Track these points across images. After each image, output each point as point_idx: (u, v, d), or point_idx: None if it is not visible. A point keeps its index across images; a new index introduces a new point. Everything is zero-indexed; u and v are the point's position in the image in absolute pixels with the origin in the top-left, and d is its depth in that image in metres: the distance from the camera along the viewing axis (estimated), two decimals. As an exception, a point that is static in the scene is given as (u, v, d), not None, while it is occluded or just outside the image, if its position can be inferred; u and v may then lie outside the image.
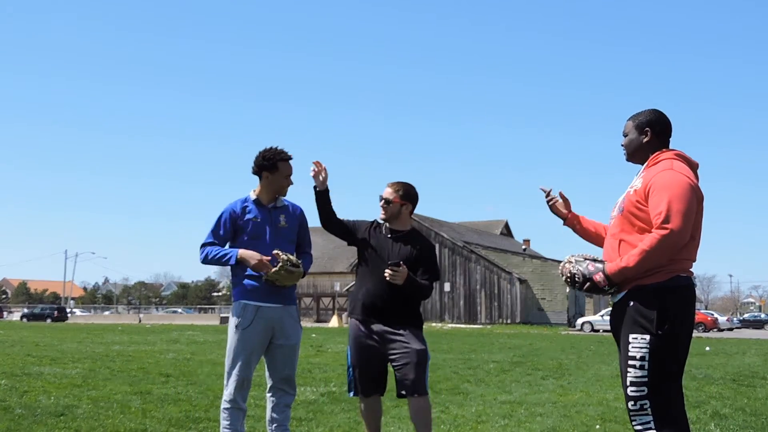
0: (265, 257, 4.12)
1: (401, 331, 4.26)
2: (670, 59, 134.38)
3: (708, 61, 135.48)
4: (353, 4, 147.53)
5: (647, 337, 3.15)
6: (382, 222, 4.46)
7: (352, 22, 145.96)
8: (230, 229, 4.29)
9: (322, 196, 4.33)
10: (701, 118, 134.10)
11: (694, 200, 3.17)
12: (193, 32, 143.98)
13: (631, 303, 3.22)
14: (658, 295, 3.18)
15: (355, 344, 4.36)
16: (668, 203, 3.13)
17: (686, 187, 3.17)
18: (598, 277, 3.28)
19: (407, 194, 4.40)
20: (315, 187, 4.32)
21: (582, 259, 3.39)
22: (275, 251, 4.13)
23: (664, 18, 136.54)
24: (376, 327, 4.29)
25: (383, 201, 4.38)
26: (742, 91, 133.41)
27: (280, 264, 4.07)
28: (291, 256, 4.14)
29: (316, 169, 4.30)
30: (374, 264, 4.33)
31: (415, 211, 4.58)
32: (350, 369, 4.42)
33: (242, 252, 4.15)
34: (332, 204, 4.40)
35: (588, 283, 3.31)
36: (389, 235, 4.39)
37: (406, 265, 4.19)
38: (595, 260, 3.36)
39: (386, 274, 4.14)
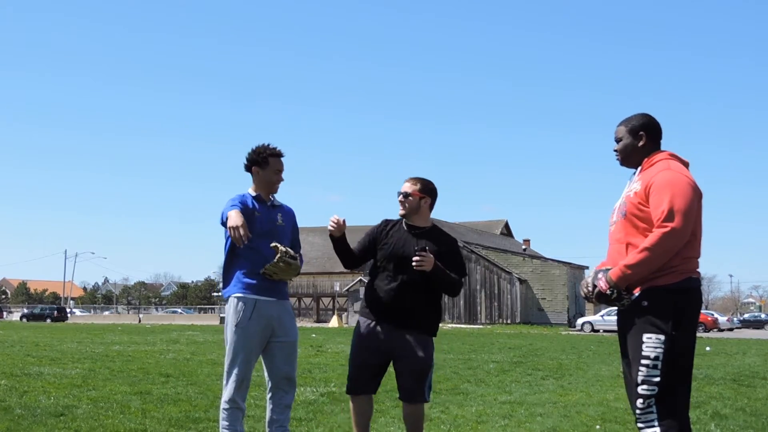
0: (243, 229, 3.92)
1: (409, 336, 4.17)
2: (671, 59, 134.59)
3: (709, 61, 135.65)
4: (348, 4, 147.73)
5: (662, 337, 3.18)
6: (399, 219, 4.33)
7: (350, 22, 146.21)
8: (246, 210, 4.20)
9: (339, 242, 4.26)
10: (701, 118, 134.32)
11: (695, 198, 3.23)
12: (195, 32, 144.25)
13: (645, 303, 3.24)
14: (673, 296, 3.21)
15: (358, 341, 4.27)
16: (670, 201, 3.17)
17: (687, 186, 3.23)
18: (601, 282, 3.26)
19: (425, 188, 4.28)
20: (331, 235, 4.23)
21: (596, 271, 3.38)
22: (273, 244, 4.07)
23: (664, 18, 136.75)
24: (385, 327, 4.18)
25: (401, 195, 4.26)
26: (741, 91, 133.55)
27: (279, 255, 4.02)
28: (289, 249, 4.11)
29: (335, 226, 4.18)
30: (391, 261, 4.20)
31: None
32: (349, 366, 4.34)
33: (232, 212, 3.95)
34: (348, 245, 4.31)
35: (596, 291, 3.29)
36: (411, 232, 4.25)
37: None
38: (607, 270, 3.31)
39: (414, 261, 4.03)
